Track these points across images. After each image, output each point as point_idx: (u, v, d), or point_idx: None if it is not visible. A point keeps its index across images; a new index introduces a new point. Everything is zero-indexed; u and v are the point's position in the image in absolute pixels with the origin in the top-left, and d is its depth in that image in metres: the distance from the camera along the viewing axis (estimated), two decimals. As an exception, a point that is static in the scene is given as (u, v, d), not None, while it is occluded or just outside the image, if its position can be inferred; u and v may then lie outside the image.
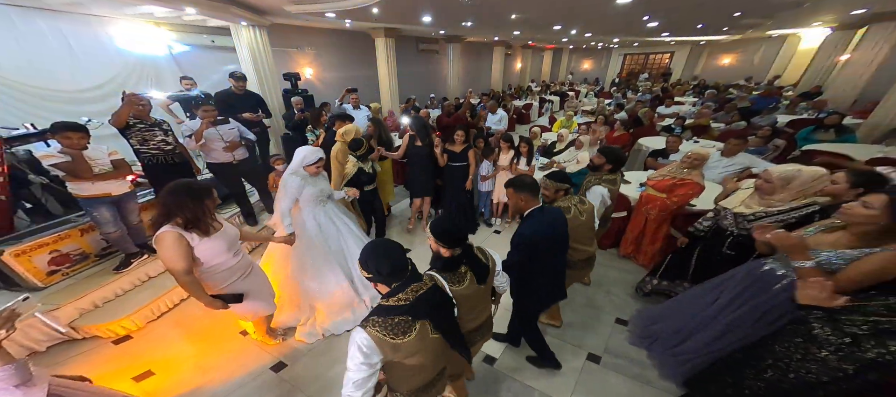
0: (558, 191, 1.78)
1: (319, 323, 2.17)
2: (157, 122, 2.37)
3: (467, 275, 1.18)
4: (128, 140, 2.26)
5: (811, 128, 4.08)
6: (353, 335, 0.93)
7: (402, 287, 0.97)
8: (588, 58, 16.83)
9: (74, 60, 3.94)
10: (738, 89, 8.65)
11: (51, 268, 2.21)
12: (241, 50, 4.31)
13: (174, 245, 1.33)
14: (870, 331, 0.97)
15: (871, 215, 1.09)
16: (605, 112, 6.43)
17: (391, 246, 1.01)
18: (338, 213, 2.25)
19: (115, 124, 2.16)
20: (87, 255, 2.39)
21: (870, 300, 1.02)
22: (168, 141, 2.40)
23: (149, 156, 2.33)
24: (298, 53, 6.73)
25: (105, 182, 2.09)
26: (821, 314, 1.05)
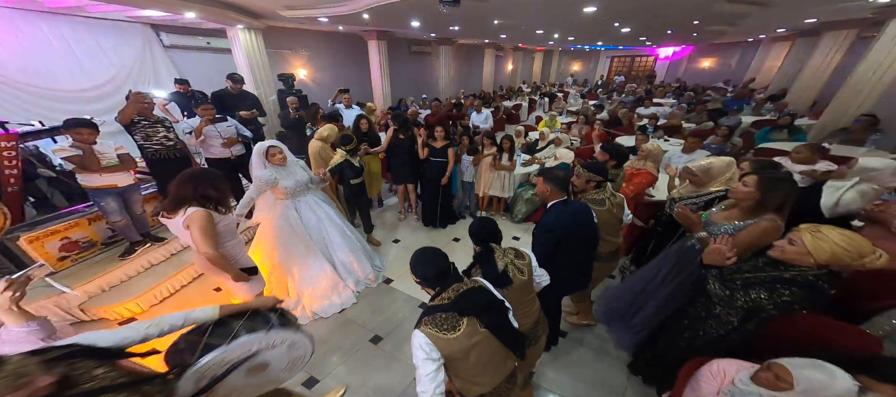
0: (589, 181, 1.80)
1: (308, 306, 2.35)
2: (159, 120, 2.57)
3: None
4: (132, 136, 2.45)
5: (768, 129, 4.44)
6: (412, 338, 1.00)
7: (445, 288, 1.05)
8: (577, 60, 17.26)
9: (75, 62, 4.10)
10: (715, 91, 9.10)
11: (61, 254, 2.40)
12: (237, 52, 4.50)
13: (208, 222, 1.44)
14: (741, 285, 1.21)
15: (748, 192, 1.39)
16: (587, 113, 6.76)
17: (435, 253, 1.11)
18: (319, 203, 2.41)
19: (121, 121, 2.36)
20: (94, 243, 2.58)
21: (746, 262, 1.28)
22: (170, 137, 2.60)
23: (152, 151, 2.53)
24: (292, 55, 6.91)
25: (112, 174, 2.28)
26: (715, 273, 1.29)
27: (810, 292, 1.06)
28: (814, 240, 1.06)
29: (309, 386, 1.90)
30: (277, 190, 2.19)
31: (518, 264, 1.28)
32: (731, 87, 10.21)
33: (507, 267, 1.23)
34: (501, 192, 3.75)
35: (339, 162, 2.74)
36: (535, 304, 1.38)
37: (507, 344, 1.09)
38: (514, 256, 1.29)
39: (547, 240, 1.52)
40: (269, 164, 2.15)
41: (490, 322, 1.04)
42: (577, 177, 1.86)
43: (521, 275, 1.26)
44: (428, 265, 1.09)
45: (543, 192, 1.59)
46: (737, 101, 6.99)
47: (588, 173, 1.81)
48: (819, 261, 1.06)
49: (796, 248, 1.09)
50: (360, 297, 2.55)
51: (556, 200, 1.57)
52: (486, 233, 1.30)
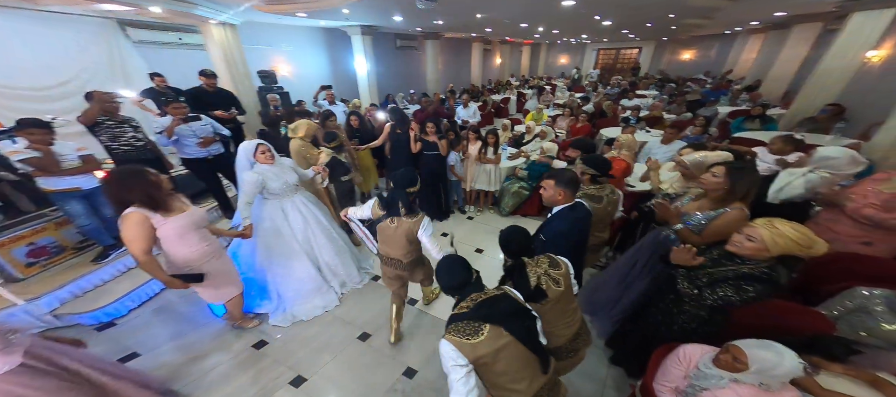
0: (584, 173, 1.74)
1: (289, 308, 2.31)
2: (126, 119, 2.46)
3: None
4: (97, 137, 2.34)
5: (742, 119, 4.62)
6: (440, 349, 1.01)
7: (464, 297, 1.07)
8: (564, 53, 17.38)
9: (36, 58, 3.85)
10: (695, 83, 9.36)
11: (29, 260, 2.29)
12: (212, 48, 4.33)
13: (137, 224, 1.40)
14: (707, 282, 1.26)
15: (717, 182, 1.46)
16: (573, 105, 6.84)
17: (454, 263, 1.12)
18: (306, 204, 2.36)
19: (83, 122, 2.24)
20: (64, 248, 2.47)
21: (704, 253, 1.32)
22: (138, 137, 2.50)
23: (120, 152, 2.43)
24: (273, 51, 6.70)
25: (73, 177, 2.18)
26: (683, 271, 1.34)
27: (770, 285, 1.13)
28: (771, 235, 1.11)
29: (296, 385, 1.89)
30: (265, 191, 2.14)
31: (553, 275, 1.20)
32: (711, 78, 10.51)
33: (540, 280, 1.17)
34: (488, 186, 3.78)
35: (328, 161, 2.68)
36: (578, 314, 1.31)
37: (533, 350, 1.06)
38: (548, 266, 1.21)
39: (569, 247, 1.40)
40: (256, 164, 2.09)
41: (515, 328, 1.01)
42: (575, 168, 1.84)
43: (557, 287, 1.18)
44: (444, 275, 1.11)
45: (554, 197, 1.48)
46: (715, 93, 7.23)
47: (585, 166, 1.75)
48: (773, 254, 1.11)
49: (755, 244, 1.14)
50: (344, 298, 2.53)
51: (566, 205, 1.47)
52: (518, 246, 1.22)
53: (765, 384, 1.03)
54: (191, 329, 2.27)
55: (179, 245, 1.59)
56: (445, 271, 1.11)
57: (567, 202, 1.49)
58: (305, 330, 2.25)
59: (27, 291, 2.17)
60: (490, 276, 2.46)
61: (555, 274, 1.21)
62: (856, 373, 1.13)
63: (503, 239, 1.25)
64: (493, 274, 2.54)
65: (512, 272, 1.20)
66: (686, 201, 1.64)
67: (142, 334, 2.24)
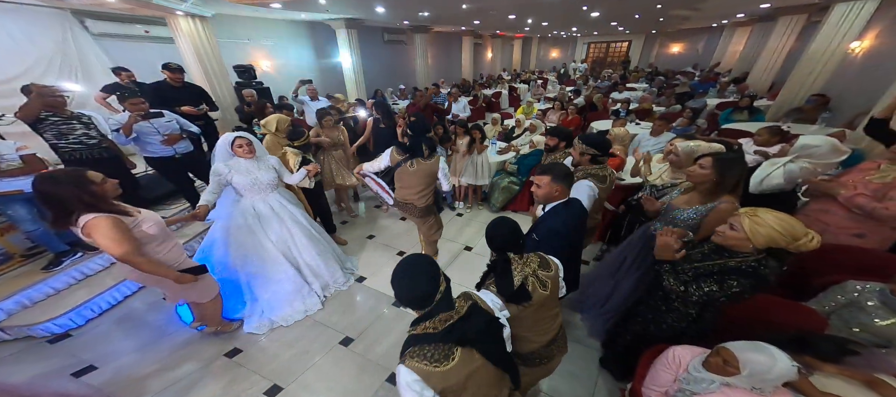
0: (584, 154, 1.67)
1: (267, 314, 2.18)
2: (75, 115, 2.24)
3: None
4: (41, 135, 2.13)
5: (730, 110, 4.62)
6: (398, 377, 0.83)
7: (428, 316, 0.84)
8: (556, 47, 17.34)
9: None
10: (684, 76, 9.41)
11: (-32, 272, 2.09)
12: (181, 41, 4.07)
13: (113, 227, 1.27)
14: (692, 277, 1.20)
15: (704, 174, 1.38)
16: (564, 99, 6.78)
17: (418, 267, 0.86)
18: (282, 203, 2.21)
19: (22, 118, 2.03)
20: (11, 255, 2.27)
21: (693, 249, 1.26)
22: (91, 134, 2.29)
23: (69, 150, 2.21)
24: (252, 45, 6.41)
25: (13, 179, 1.99)
26: (668, 267, 1.27)
27: (755, 279, 1.05)
28: (752, 224, 1.04)
29: (272, 395, 1.77)
30: (233, 187, 2.00)
31: (542, 276, 1.08)
32: (699, 71, 10.60)
33: (527, 280, 1.04)
34: (476, 180, 3.68)
35: (297, 162, 2.49)
36: (558, 320, 1.21)
37: (506, 370, 0.97)
38: (538, 266, 1.08)
39: (563, 246, 1.31)
40: (234, 156, 1.96)
41: (489, 350, 0.90)
42: (573, 149, 1.76)
43: (544, 290, 1.07)
44: (410, 282, 0.83)
45: (549, 194, 1.37)
46: (703, 85, 7.26)
47: (584, 145, 1.68)
48: (757, 246, 1.05)
49: (736, 233, 1.08)
50: (327, 301, 2.41)
51: (560, 201, 1.38)
52: (502, 239, 1.07)
53: (757, 388, 0.97)
54: (157, 338, 2.12)
55: (156, 244, 1.48)
56: (406, 276, 0.84)
57: (562, 198, 1.39)
58: (283, 336, 2.13)
59: None
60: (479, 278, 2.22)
61: (543, 275, 1.08)
62: (851, 374, 1.06)
63: (488, 231, 1.12)
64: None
65: (494, 267, 1.08)
66: (675, 194, 1.55)
67: (101, 345, 2.09)
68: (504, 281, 1.03)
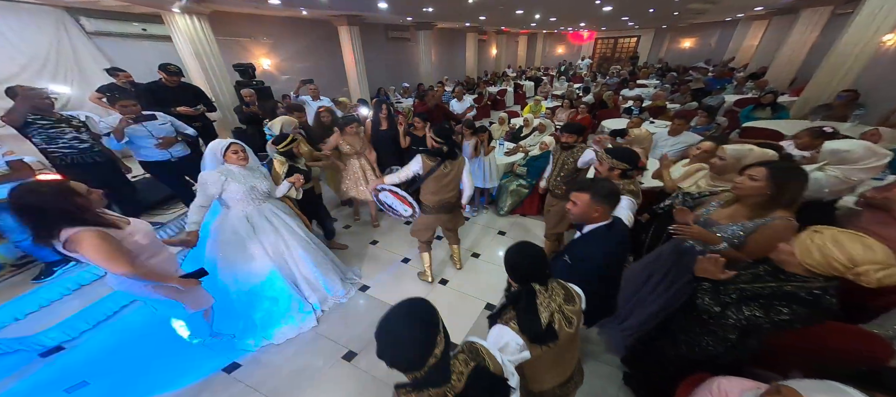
0: (613, 169, 1.53)
1: (260, 331, 2.05)
2: (64, 118, 2.14)
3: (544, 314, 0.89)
4: (30, 139, 2.03)
5: (751, 107, 4.38)
6: None
7: (416, 386, 0.68)
8: (562, 43, 17.00)
9: None
10: (697, 71, 9.09)
11: (-45, 283, 2.00)
12: (178, 39, 3.96)
13: (101, 242, 1.20)
14: (737, 299, 1.05)
15: (757, 186, 1.19)
16: (573, 96, 6.57)
17: (405, 323, 0.68)
18: (276, 213, 2.06)
19: (8, 122, 1.93)
20: (1, 265, 2.18)
21: (746, 269, 1.10)
22: (82, 137, 2.18)
23: (60, 155, 2.11)
24: (252, 43, 6.29)
25: (1, 185, 1.89)
26: (708, 286, 1.13)
27: (813, 309, 0.89)
28: (806, 241, 0.88)
29: None
30: (226, 195, 1.85)
31: (567, 312, 0.92)
32: (712, 66, 10.26)
33: (553, 317, 0.89)
34: (483, 183, 3.52)
35: (285, 172, 2.31)
36: (575, 357, 1.08)
37: None
38: (563, 300, 0.93)
39: (601, 276, 1.16)
40: (224, 164, 1.83)
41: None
42: (600, 164, 1.59)
43: (569, 328, 0.92)
44: (395, 342, 0.67)
45: (588, 214, 1.19)
46: (718, 81, 6.98)
47: (612, 159, 1.50)
48: (805, 264, 0.89)
49: (787, 248, 0.93)
50: (327, 314, 2.28)
51: (602, 223, 1.18)
52: (527, 269, 0.93)
53: None
54: (153, 351, 2.03)
55: (148, 256, 1.41)
56: (394, 331, 0.68)
57: (603, 220, 1.20)
58: (283, 350, 2.02)
59: None
60: (491, 284, 2.25)
61: (569, 310, 0.93)
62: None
63: (510, 259, 0.96)
64: (494, 281, 2.21)
65: (516, 300, 0.93)
66: (714, 207, 1.38)
67: (95, 359, 1.99)
68: (529, 318, 0.87)
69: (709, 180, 1.67)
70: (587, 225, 1.24)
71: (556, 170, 2.25)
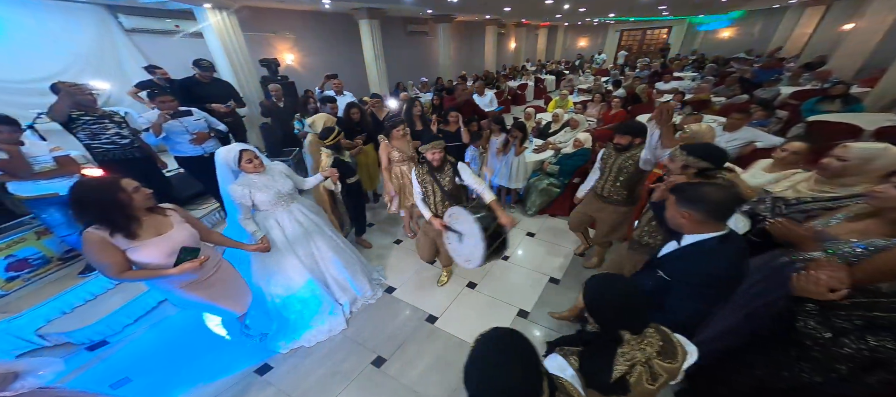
0: (688, 167, 1.31)
1: (292, 333, 2.01)
2: (106, 114, 2.15)
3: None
4: (74, 135, 2.06)
5: (816, 99, 3.91)
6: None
7: None
8: (584, 35, 16.26)
9: (16, 49, 3.58)
10: (739, 62, 8.38)
11: (9, 274, 2.08)
12: (209, 35, 4.01)
13: (97, 247, 1.17)
14: (861, 325, 0.86)
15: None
16: (602, 90, 6.20)
17: (506, 358, 0.58)
18: (304, 213, 2.01)
19: (53, 118, 1.96)
20: (48, 259, 2.25)
21: (874, 293, 0.90)
22: (123, 133, 2.20)
23: (102, 151, 2.14)
24: (276, 38, 6.35)
25: (49, 181, 1.92)
26: (813, 308, 0.94)
27: None
28: None
29: None
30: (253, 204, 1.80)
31: (658, 367, 0.74)
32: (756, 56, 9.43)
33: (633, 371, 0.73)
34: (510, 183, 3.34)
35: (330, 164, 2.28)
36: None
37: None
38: (656, 352, 0.76)
39: (696, 295, 0.97)
40: (241, 173, 1.75)
41: None
42: (672, 162, 1.38)
43: (651, 385, 0.74)
44: (470, 376, 0.57)
45: (692, 221, 0.99)
46: (767, 72, 6.35)
47: (692, 158, 1.26)
48: None
49: None
50: (355, 316, 2.22)
51: (715, 233, 0.98)
52: (614, 311, 0.77)
53: None
54: (189, 348, 2.04)
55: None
56: (492, 367, 0.58)
57: (714, 230, 0.99)
58: (313, 353, 1.98)
59: (7, 309, 1.96)
60: (521, 288, 2.23)
61: (661, 366, 0.74)
62: None
63: (593, 299, 0.79)
64: (523, 284, 2.12)
65: (588, 342, 0.78)
66: (837, 220, 1.13)
67: (135, 354, 2.03)
68: (597, 365, 0.73)
69: (813, 184, 1.40)
70: (690, 235, 1.03)
71: (610, 176, 2.01)
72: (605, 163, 2.05)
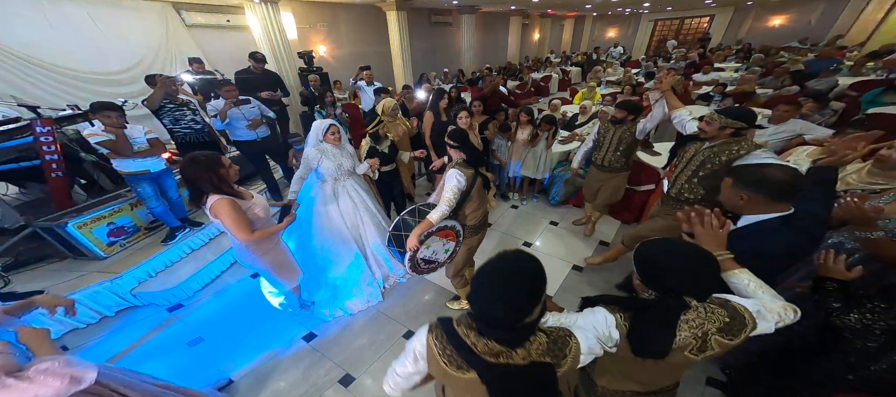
0: (723, 128, 1.43)
1: (336, 300, 2.23)
2: (185, 102, 2.46)
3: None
4: (161, 120, 2.37)
5: (880, 90, 3.59)
6: (416, 335, 0.76)
7: (483, 333, 0.66)
8: (613, 25, 15.40)
9: (102, 44, 4.10)
10: (790, 52, 7.69)
11: (110, 240, 2.45)
12: (256, 28, 4.32)
13: (230, 209, 1.39)
14: None
15: None
16: (632, 82, 5.96)
17: (515, 273, 0.62)
18: (356, 189, 2.28)
19: (149, 105, 2.28)
20: (138, 228, 2.62)
21: None
22: (197, 120, 2.51)
23: (181, 135, 2.46)
24: (311, 31, 6.64)
25: (144, 159, 2.24)
26: (835, 286, 0.95)
27: None
28: None
29: (345, 385, 1.81)
30: (319, 171, 2.11)
31: (715, 341, 0.70)
32: (810, 45, 8.59)
33: (697, 339, 0.70)
34: (535, 173, 3.38)
35: (366, 150, 2.45)
36: (675, 379, 0.88)
37: None
38: (720, 326, 0.70)
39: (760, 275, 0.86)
40: (323, 142, 2.07)
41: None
42: (709, 124, 1.48)
43: (697, 354, 0.71)
44: (507, 292, 0.61)
45: (751, 202, 0.97)
46: (824, 61, 5.82)
47: (728, 119, 1.42)
48: None
49: None
50: (388, 293, 2.40)
51: (772, 215, 0.95)
52: (682, 277, 0.71)
53: None
54: (247, 314, 2.30)
55: (261, 223, 1.60)
56: (476, 284, 0.65)
57: (780, 210, 0.95)
58: (351, 325, 2.17)
59: (109, 270, 2.32)
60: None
61: (720, 340, 0.69)
62: None
63: (655, 263, 0.74)
64: (546, 272, 2.21)
65: (646, 308, 0.73)
66: (888, 199, 1.14)
67: (204, 317, 2.31)
68: (653, 333, 0.69)
69: (864, 176, 1.39)
70: (747, 215, 1.00)
71: (610, 147, 2.32)
72: (603, 136, 2.37)
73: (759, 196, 0.98)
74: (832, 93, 4.19)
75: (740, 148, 1.44)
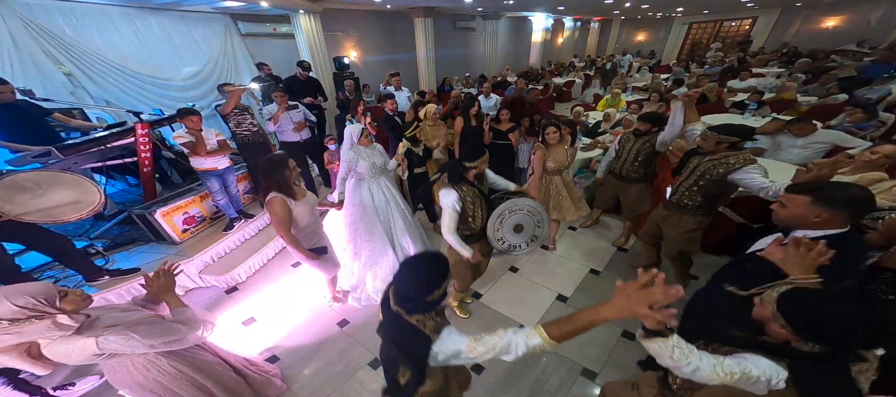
0: (720, 143, 1.50)
1: (367, 289, 2.40)
2: (245, 108, 2.84)
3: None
4: (227, 124, 2.75)
5: (941, 103, 3.31)
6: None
7: (409, 311, 0.90)
8: (643, 29, 14.74)
9: (175, 52, 4.70)
10: (844, 56, 7.09)
11: (184, 227, 2.84)
12: (299, 36, 4.76)
13: (282, 206, 1.62)
14: None
15: None
16: (660, 88, 5.78)
17: (422, 263, 0.90)
18: (388, 186, 2.49)
19: (224, 112, 2.66)
20: (205, 218, 3.02)
21: None
22: (254, 123, 2.87)
23: (242, 136, 2.82)
24: (344, 37, 7.05)
25: (214, 158, 2.59)
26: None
27: None
28: None
29: (374, 367, 1.96)
30: (355, 171, 2.34)
31: None
32: (868, 48, 7.86)
33: None
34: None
35: (404, 151, 2.67)
36: None
37: None
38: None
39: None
40: (355, 144, 2.30)
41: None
42: (705, 140, 1.57)
43: None
44: (413, 276, 0.89)
45: (804, 219, 0.95)
46: (880, 67, 5.37)
47: (722, 135, 1.50)
48: None
49: None
50: None
51: (830, 232, 0.92)
52: (852, 329, 0.67)
53: None
54: (292, 298, 2.54)
55: (305, 222, 1.80)
56: (411, 273, 0.92)
57: (832, 227, 0.93)
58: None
59: (183, 254, 2.70)
60: (560, 276, 2.58)
61: None
62: None
63: (814, 315, 0.70)
64: (563, 274, 2.35)
65: (800, 357, 0.68)
66: None
67: (256, 300, 2.57)
68: (831, 387, 0.65)
69: (894, 195, 1.38)
70: (801, 229, 0.98)
71: (628, 157, 2.36)
72: (623, 146, 2.41)
73: (844, 214, 0.94)
74: (884, 103, 3.90)
75: (737, 161, 1.56)
